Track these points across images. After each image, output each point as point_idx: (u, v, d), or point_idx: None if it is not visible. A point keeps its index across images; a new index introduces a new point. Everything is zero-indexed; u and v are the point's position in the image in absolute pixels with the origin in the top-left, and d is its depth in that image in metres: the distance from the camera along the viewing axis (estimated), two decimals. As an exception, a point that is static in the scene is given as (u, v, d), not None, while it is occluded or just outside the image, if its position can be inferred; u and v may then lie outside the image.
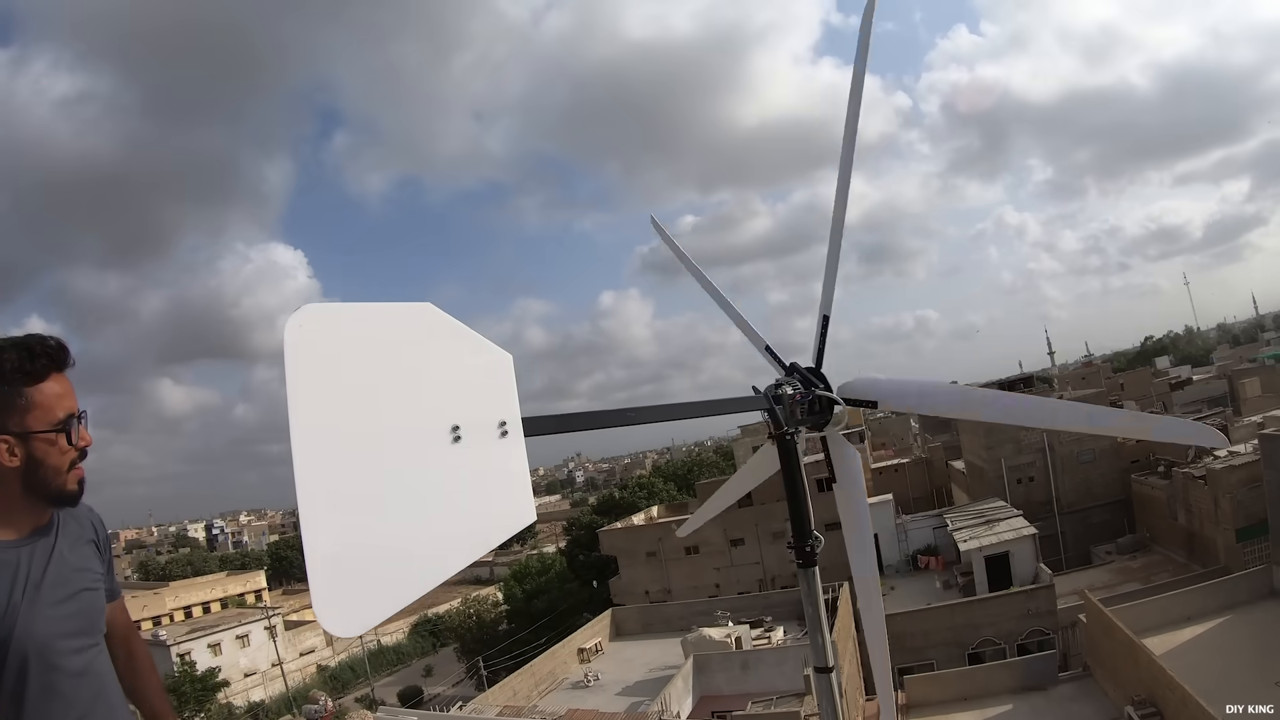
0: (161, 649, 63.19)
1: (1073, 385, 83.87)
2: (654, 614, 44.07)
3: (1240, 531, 38.07)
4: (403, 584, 2.44)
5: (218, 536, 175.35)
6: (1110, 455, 54.92)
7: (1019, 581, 37.49)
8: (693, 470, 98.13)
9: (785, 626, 37.85)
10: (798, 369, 4.97)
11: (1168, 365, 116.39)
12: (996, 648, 34.63)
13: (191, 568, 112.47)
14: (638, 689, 32.40)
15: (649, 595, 57.47)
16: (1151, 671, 24.31)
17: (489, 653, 58.28)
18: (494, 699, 31.39)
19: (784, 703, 26.28)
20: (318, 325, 2.42)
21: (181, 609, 79.99)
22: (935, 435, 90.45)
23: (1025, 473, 54.92)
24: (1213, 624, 30.91)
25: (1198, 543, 43.09)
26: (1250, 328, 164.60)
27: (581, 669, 36.86)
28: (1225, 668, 26.74)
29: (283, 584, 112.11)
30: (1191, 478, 43.19)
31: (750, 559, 57.64)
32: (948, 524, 45.16)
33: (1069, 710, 28.38)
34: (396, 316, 2.75)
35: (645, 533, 62.11)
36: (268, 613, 73.54)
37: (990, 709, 29.64)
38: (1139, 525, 51.46)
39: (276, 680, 69.42)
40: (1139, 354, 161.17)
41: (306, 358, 2.36)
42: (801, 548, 4.86)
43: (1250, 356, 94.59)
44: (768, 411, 4.75)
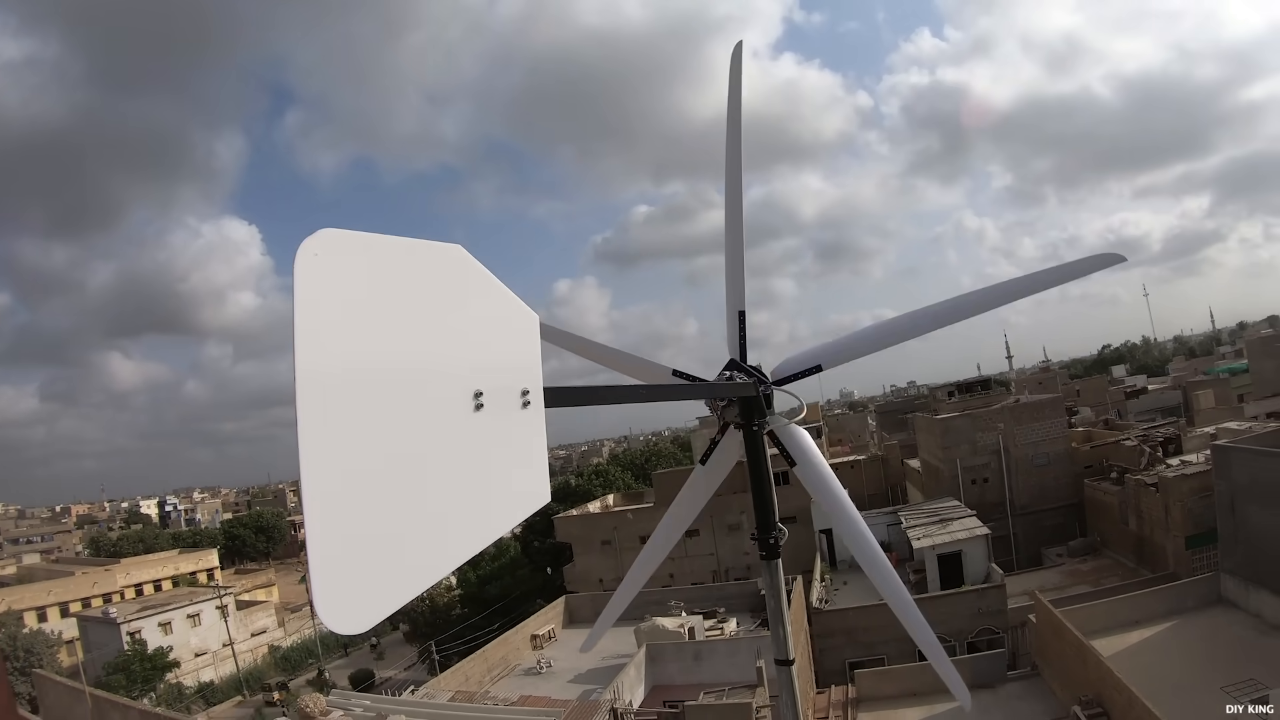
0: (111, 627, 62.33)
1: (1030, 389, 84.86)
2: (607, 602, 43.88)
3: (1190, 539, 38.65)
4: (412, 575, 2.16)
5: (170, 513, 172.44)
6: (1064, 460, 55.62)
7: (971, 580, 37.78)
8: (650, 460, 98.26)
9: (738, 618, 37.91)
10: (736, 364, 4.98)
11: (1124, 374, 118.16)
12: (947, 645, 34.53)
13: (143, 545, 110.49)
14: (590, 677, 32.24)
15: (603, 583, 57.42)
16: (1099, 673, 24.57)
17: (441, 637, 57.95)
18: (446, 684, 31.12)
19: (736, 694, 26.22)
20: (336, 255, 2.07)
21: (132, 586, 78.92)
22: (892, 434, 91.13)
23: (980, 474, 55.46)
24: (1160, 628, 31.33)
25: (1148, 548, 43.70)
26: (1207, 341, 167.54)
27: (534, 656, 36.66)
28: (1172, 671, 27.08)
29: (235, 563, 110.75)
30: (1143, 485, 43.78)
31: (705, 550, 57.79)
32: (902, 521, 45.41)
33: (1017, 709, 28.64)
34: (424, 255, 2.43)
35: (601, 521, 62.16)
36: (219, 592, 72.47)
37: (939, 705, 29.80)
38: (1090, 529, 52.17)
39: (228, 661, 68.56)
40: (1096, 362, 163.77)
41: (319, 290, 2.00)
42: (765, 540, 4.92)
43: (1205, 369, 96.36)
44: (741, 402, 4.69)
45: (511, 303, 2.73)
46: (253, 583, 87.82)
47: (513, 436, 2.60)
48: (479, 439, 2.44)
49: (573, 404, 3.11)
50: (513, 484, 2.59)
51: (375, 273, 2.20)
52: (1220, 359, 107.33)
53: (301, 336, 1.94)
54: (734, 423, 4.82)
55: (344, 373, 2.03)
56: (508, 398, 2.58)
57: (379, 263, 2.23)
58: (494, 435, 2.50)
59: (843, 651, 35.48)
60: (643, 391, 3.97)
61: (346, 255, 2.11)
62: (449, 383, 2.38)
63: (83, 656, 60.38)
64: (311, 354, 1.95)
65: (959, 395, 70.55)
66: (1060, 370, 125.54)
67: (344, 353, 2.05)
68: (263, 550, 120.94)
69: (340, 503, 1.97)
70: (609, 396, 3.62)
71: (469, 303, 2.56)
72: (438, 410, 2.33)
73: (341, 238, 2.09)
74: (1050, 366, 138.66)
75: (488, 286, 2.65)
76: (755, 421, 4.72)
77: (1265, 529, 30.77)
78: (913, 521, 44.05)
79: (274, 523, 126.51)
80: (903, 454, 76.71)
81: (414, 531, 2.18)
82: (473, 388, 2.43)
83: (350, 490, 2.00)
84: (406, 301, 2.31)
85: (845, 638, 35.92)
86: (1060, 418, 58.07)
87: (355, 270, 2.13)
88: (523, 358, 2.73)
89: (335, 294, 2.05)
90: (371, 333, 2.16)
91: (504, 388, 2.57)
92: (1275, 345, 57.06)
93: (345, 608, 1.93)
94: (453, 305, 2.49)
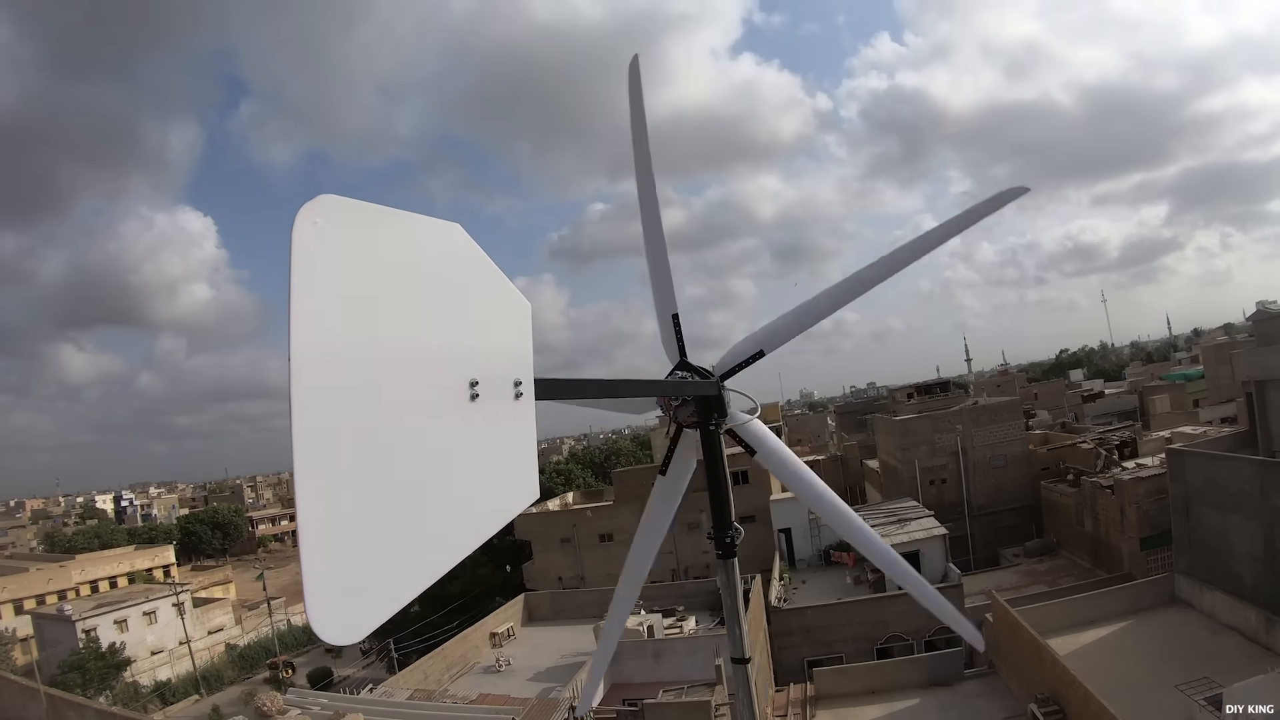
0: (67, 624, 60.94)
1: (988, 392, 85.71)
2: (567, 600, 43.80)
3: (1145, 540, 39.17)
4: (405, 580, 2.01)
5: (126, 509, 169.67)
6: (1021, 462, 56.22)
7: (928, 580, 37.73)
8: (610, 458, 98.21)
9: (697, 616, 37.86)
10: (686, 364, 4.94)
11: (1081, 378, 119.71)
12: (904, 644, 35.04)
13: (99, 540, 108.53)
14: (549, 675, 32.11)
15: (562, 581, 57.29)
16: (1055, 671, 24.77)
17: (399, 635, 57.44)
18: (405, 682, 30.85)
19: (695, 692, 26.17)
20: (335, 224, 1.91)
21: (88, 583, 77.58)
22: (851, 434, 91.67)
23: (938, 474, 55.90)
24: (1115, 627, 31.74)
25: (1103, 549, 44.23)
26: (1163, 347, 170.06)
27: (493, 654, 36.45)
28: (1127, 670, 27.42)
29: (192, 560, 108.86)
30: (1100, 487, 44.30)
31: (665, 548, 57.33)
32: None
33: (974, 706, 28.83)
34: (423, 232, 2.30)
35: (560, 519, 61.87)
36: (176, 589, 71.23)
37: (897, 703, 29.99)
38: (1047, 530, 52.75)
39: (184, 659, 67.40)
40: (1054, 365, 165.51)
41: (316, 259, 1.85)
42: (722, 539, 4.91)
43: (1161, 375, 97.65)
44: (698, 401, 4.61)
45: (506, 289, 2.64)
46: (210, 580, 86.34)
47: (505, 429, 2.49)
48: (474, 431, 2.33)
49: (563, 397, 3.07)
50: (504, 479, 2.49)
51: (375, 246, 2.07)
52: (1176, 365, 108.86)
53: (297, 312, 1.78)
54: (687, 423, 4.76)
55: (341, 354, 1.89)
56: (502, 388, 2.48)
57: (379, 236, 2.09)
58: (488, 427, 2.39)
59: (801, 650, 35.54)
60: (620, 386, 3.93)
61: (346, 225, 1.96)
62: (447, 369, 2.26)
63: (37, 655, 59.43)
64: (307, 331, 1.80)
65: (918, 397, 71.06)
66: (1018, 374, 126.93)
67: (341, 332, 1.91)
68: (220, 547, 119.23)
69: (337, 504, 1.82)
70: (595, 390, 3.64)
71: (466, 286, 2.46)
72: (435, 398, 2.20)
73: (342, 206, 1.95)
74: (1008, 370, 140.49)
75: (485, 270, 2.55)
76: (712, 421, 4.65)
77: (1218, 531, 31.25)
78: (871, 521, 44.11)
79: (231, 519, 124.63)
80: (862, 454, 77.20)
81: (410, 533, 2.05)
82: (469, 376, 2.32)
83: (347, 488, 1.86)
84: (406, 279, 2.18)
85: (804, 636, 35.98)
86: (1018, 420, 58.67)
87: (354, 242, 1.98)
88: (516, 347, 2.63)
89: (333, 263, 1.90)
90: (370, 311, 2.02)
91: (498, 377, 2.47)
92: (1230, 352, 57.82)
93: (339, 618, 1.79)
94: (451, 287, 2.38)
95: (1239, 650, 27.92)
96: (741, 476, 53.91)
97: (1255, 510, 29.15)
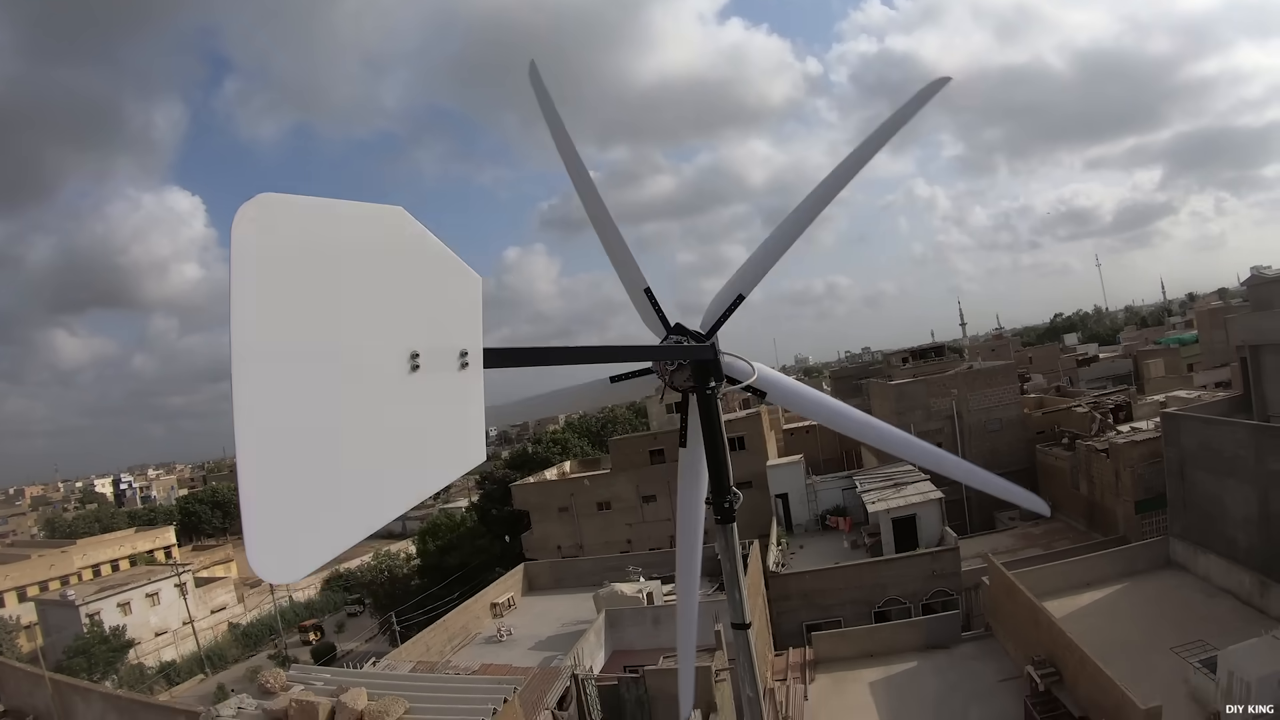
0: (70, 609, 61.20)
1: (982, 356, 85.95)
2: (566, 569, 43.98)
3: (1140, 504, 39.46)
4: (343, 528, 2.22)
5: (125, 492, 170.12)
6: (1016, 425, 56.47)
7: (925, 543, 38.22)
8: (607, 426, 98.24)
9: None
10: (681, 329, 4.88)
11: (1075, 342, 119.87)
12: (902, 607, 35.33)
13: (99, 524, 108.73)
14: (550, 644, 32.33)
15: (561, 550, 57.55)
16: (1051, 633, 25.00)
17: (401, 608, 57.76)
18: (407, 654, 30.96)
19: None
20: (272, 219, 2.11)
21: (90, 567, 77.75)
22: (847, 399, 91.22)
23: (933, 439, 55.33)
24: (1111, 590, 32.02)
25: (1098, 512, 44.55)
26: (1157, 311, 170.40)
27: (494, 624, 36.65)
28: (1122, 632, 27.69)
29: (192, 540, 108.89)
30: (1094, 451, 44.55)
31: (662, 515, 57.99)
32: (857, 486, 45.80)
33: (971, 668, 29.10)
34: (363, 218, 2.45)
35: (558, 488, 62.06)
36: (178, 569, 71.36)
37: (895, 666, 30.27)
38: (1042, 493, 51.78)
39: (188, 639, 67.72)
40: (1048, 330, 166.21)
41: (256, 257, 2.06)
42: (720, 504, 4.91)
43: (1156, 339, 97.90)
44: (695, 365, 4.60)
45: (453, 264, 2.75)
46: (211, 559, 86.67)
47: (449, 397, 2.65)
48: (414, 399, 2.50)
49: (514, 364, 3.13)
50: (447, 443, 2.64)
51: (314, 237, 2.25)
52: (1170, 329, 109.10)
53: (237, 304, 2.00)
54: (684, 388, 4.78)
55: (280, 337, 2.11)
56: (445, 358, 2.64)
57: (318, 227, 2.27)
58: (428, 395, 2.56)
59: (799, 614, 35.81)
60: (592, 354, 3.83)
61: (284, 220, 2.16)
62: (385, 344, 2.44)
63: (42, 641, 59.50)
64: (247, 320, 2.02)
65: (913, 361, 71.24)
66: (1013, 338, 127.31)
67: (280, 318, 2.13)
68: (220, 526, 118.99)
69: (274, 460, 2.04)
70: (554, 357, 3.56)
71: (409, 265, 2.60)
72: (373, 371, 2.39)
73: (279, 203, 2.15)
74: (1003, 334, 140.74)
75: (428, 248, 2.67)
76: (710, 384, 4.65)
77: (1213, 495, 31.47)
78: (868, 486, 44.43)
79: (230, 498, 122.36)
80: (857, 420, 77.12)
81: (346, 488, 2.26)
82: (409, 349, 2.49)
83: (284, 448, 2.08)
84: (345, 265, 2.35)
85: (802, 600, 36.24)
86: (1013, 384, 58.86)
87: (293, 235, 2.17)
88: (463, 319, 2.76)
89: (272, 259, 2.11)
90: (309, 297, 2.22)
91: (441, 349, 2.62)
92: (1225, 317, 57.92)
93: (278, 558, 2.04)
94: (392, 267, 2.53)
95: (1233, 613, 28.17)
96: (738, 443, 54.14)
97: (1250, 474, 29.34)
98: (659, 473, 57.26)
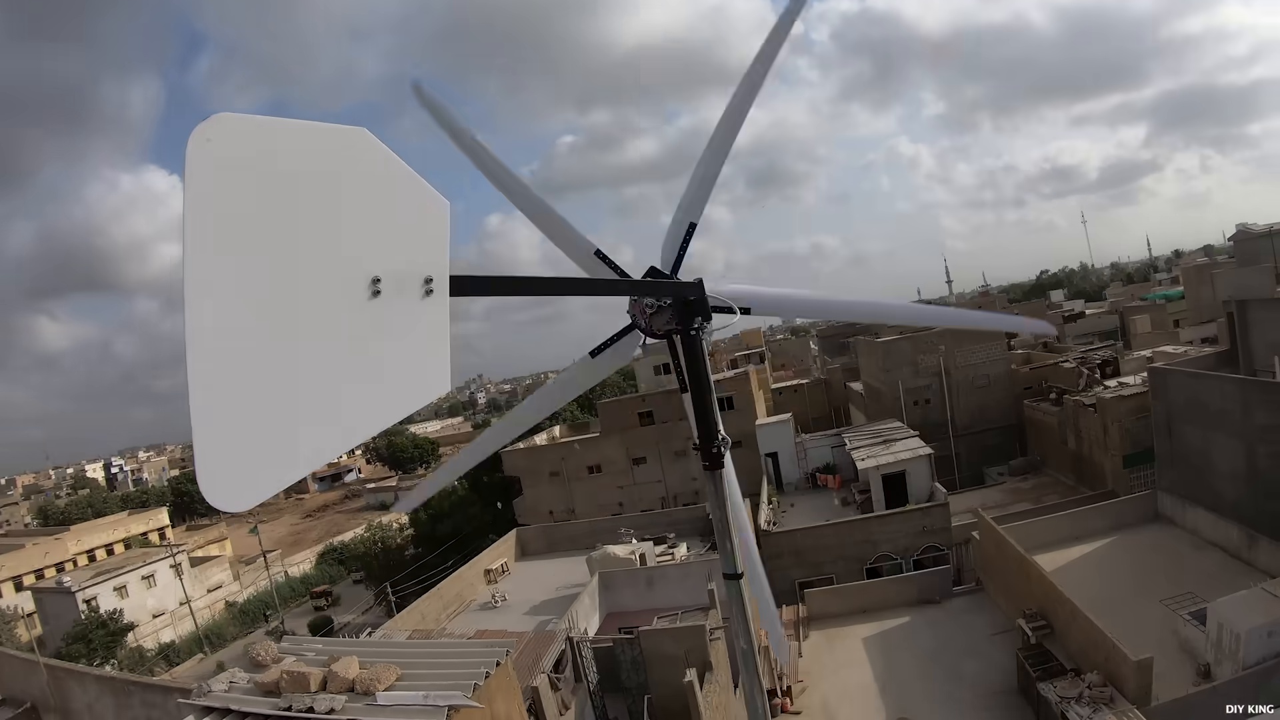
0: (67, 596, 61.09)
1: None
2: (558, 533, 44.13)
3: (1127, 458, 39.67)
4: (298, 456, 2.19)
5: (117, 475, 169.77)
6: (1004, 381, 56.63)
7: (915, 499, 38.40)
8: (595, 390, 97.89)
9: (688, 543, 38.26)
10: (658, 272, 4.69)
11: (1062, 299, 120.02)
12: (893, 563, 35.56)
13: (92, 509, 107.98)
14: (545, 608, 32.49)
15: (553, 515, 57.75)
16: (1042, 586, 25.20)
17: (396, 578, 57.94)
18: (403, 624, 31.08)
19: (690, 617, 26.52)
20: (230, 140, 2.04)
21: (84, 553, 77.26)
22: (834, 358, 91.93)
23: (922, 395, 56.32)
24: (1100, 544, 32.30)
25: (1087, 467, 44.80)
26: (1143, 268, 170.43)
27: (489, 590, 36.82)
28: (1111, 585, 27.95)
29: (185, 520, 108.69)
30: (1082, 405, 44.73)
31: (653, 477, 58.23)
32: (846, 443, 45.95)
33: (963, 622, 29.36)
34: (325, 139, 2.35)
35: (548, 453, 62.12)
36: (172, 550, 71.24)
37: (888, 621, 30.52)
38: (1031, 449, 53.36)
39: (186, 619, 67.83)
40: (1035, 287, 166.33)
41: (211, 178, 2.01)
42: (709, 449, 4.66)
43: (1142, 295, 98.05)
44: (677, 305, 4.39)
45: (419, 188, 2.65)
46: (205, 538, 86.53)
47: (413, 324, 2.57)
48: (374, 326, 2.43)
49: (482, 293, 3.03)
50: (410, 372, 2.58)
51: (273, 158, 2.17)
52: (1156, 285, 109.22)
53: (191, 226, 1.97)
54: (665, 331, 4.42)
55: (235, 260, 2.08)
56: (408, 285, 2.55)
57: (277, 148, 2.20)
58: (392, 322, 2.49)
59: (791, 572, 35.98)
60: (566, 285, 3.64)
61: (242, 141, 2.09)
62: (344, 270, 2.37)
63: (41, 629, 59.61)
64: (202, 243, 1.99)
65: (901, 320, 70.93)
66: (999, 294, 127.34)
67: (236, 240, 2.09)
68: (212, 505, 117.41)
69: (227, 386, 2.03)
70: (525, 287, 3.42)
71: (372, 188, 2.50)
72: (332, 294, 2.32)
73: (238, 123, 2.11)
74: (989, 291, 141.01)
75: (394, 171, 2.57)
76: (694, 325, 4.35)
77: (1200, 449, 31.64)
78: (857, 443, 44.56)
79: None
80: (845, 377, 77.37)
81: (301, 415, 2.23)
82: (370, 274, 2.41)
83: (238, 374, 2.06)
84: (305, 187, 2.28)
85: (794, 558, 36.41)
86: (1000, 340, 58.87)
87: (251, 156, 2.11)
88: (429, 245, 2.66)
89: (229, 181, 2.05)
90: (266, 219, 2.16)
91: (404, 275, 2.53)
92: (1211, 272, 58.01)
93: (229, 485, 2.04)
94: (355, 191, 2.44)
95: (1221, 566, 28.48)
96: (727, 403, 54.15)
97: (1237, 428, 29.49)
98: (648, 435, 57.43)
